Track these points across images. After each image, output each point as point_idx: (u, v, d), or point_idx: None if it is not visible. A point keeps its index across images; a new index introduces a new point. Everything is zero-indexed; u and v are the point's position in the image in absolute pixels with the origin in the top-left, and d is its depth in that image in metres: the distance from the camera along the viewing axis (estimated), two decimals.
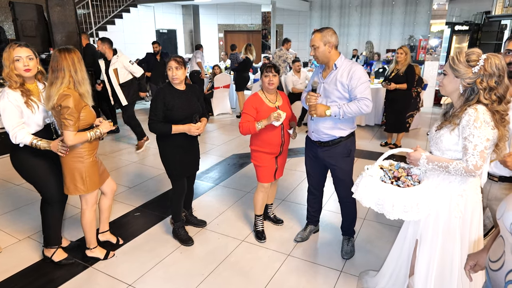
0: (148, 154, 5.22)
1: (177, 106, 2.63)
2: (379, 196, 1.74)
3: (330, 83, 2.43)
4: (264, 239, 2.95)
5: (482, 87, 1.59)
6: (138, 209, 3.52)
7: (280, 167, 2.89)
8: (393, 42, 11.73)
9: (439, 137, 1.73)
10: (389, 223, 3.17)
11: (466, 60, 1.60)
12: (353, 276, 2.52)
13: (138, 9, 10.81)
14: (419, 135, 6.12)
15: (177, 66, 2.61)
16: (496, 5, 8.41)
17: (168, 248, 2.86)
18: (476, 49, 1.63)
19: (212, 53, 13.17)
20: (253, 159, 2.86)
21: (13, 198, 3.71)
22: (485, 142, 1.57)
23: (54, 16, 5.28)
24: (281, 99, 2.79)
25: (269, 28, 10.90)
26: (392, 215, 1.71)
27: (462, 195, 1.71)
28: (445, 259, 1.79)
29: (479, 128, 1.57)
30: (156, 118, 2.61)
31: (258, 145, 2.78)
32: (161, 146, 2.78)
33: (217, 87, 7.63)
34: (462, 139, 1.63)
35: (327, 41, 2.38)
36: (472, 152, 1.58)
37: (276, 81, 2.67)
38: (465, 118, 1.61)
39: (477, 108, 1.59)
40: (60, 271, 2.57)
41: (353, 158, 2.61)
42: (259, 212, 2.99)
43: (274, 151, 2.77)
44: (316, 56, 2.45)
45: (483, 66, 1.57)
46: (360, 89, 2.35)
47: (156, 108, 2.61)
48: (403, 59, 4.99)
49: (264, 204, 3.00)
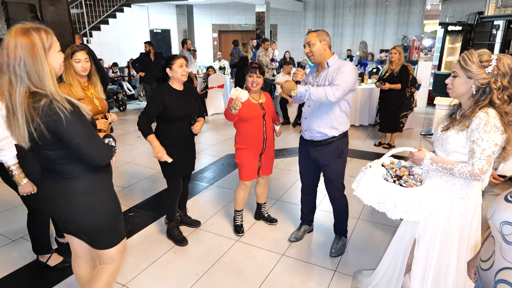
0: (142, 154, 5.20)
1: (176, 106, 2.63)
2: (381, 195, 1.73)
3: (322, 82, 2.45)
4: (242, 233, 3.04)
5: (496, 86, 1.58)
6: (132, 210, 3.51)
7: (264, 165, 2.92)
8: (387, 42, 11.80)
9: (446, 138, 1.71)
10: (383, 223, 3.19)
11: (479, 61, 1.59)
12: (347, 276, 2.53)
13: (132, 8, 10.77)
14: (412, 135, 6.16)
15: (185, 64, 2.69)
16: (489, 5, 8.48)
17: (163, 248, 2.85)
18: (485, 50, 1.63)
19: (206, 53, 13.15)
20: (236, 157, 2.89)
21: (6, 199, 3.68)
22: (493, 147, 1.56)
23: (47, 16, 5.24)
24: (264, 97, 2.87)
25: (263, 28, 10.91)
26: (393, 214, 1.70)
27: (463, 198, 1.71)
28: (442, 260, 1.80)
29: (489, 133, 1.55)
30: (147, 114, 2.61)
31: (241, 142, 2.83)
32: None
33: (211, 87, 7.62)
34: (470, 142, 1.61)
35: (322, 39, 2.41)
36: (479, 156, 1.56)
37: (260, 82, 2.76)
38: (475, 121, 1.59)
39: (488, 112, 1.58)
40: (53, 272, 2.56)
41: (345, 159, 2.63)
42: (238, 207, 3.08)
43: (256, 148, 2.82)
44: (311, 52, 2.43)
45: (496, 66, 1.57)
46: (338, 77, 2.31)
47: (150, 106, 2.63)
48: (397, 59, 5.02)
49: (244, 201, 3.07)
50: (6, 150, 2.11)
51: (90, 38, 9.42)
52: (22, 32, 1.40)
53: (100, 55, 8.36)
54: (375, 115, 6.67)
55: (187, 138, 2.79)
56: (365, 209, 3.41)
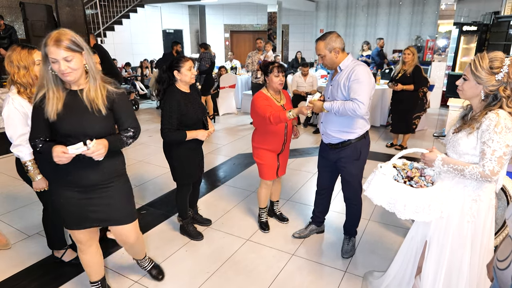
0: (154, 152, 5.26)
1: (190, 110, 2.61)
2: (391, 195, 1.73)
3: (335, 85, 2.45)
4: (268, 229, 3.07)
5: (505, 95, 1.54)
6: (144, 208, 3.56)
7: (281, 164, 2.95)
8: (400, 42, 11.66)
9: (457, 140, 1.69)
10: (394, 224, 3.17)
11: (489, 67, 1.55)
12: (357, 277, 2.52)
13: (145, 9, 10.90)
14: (425, 136, 6.09)
15: (193, 66, 2.67)
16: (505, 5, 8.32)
17: (174, 246, 2.89)
18: (499, 54, 1.57)
19: (218, 53, 13.20)
20: (255, 156, 2.91)
21: (22, 195, 3.77)
22: (504, 148, 1.53)
23: (63, 16, 5.35)
24: (284, 98, 2.85)
25: (275, 28, 10.89)
26: (403, 215, 1.70)
27: (476, 200, 1.69)
28: (454, 263, 1.78)
29: (499, 134, 1.52)
30: (171, 126, 2.54)
31: (260, 142, 2.83)
32: (176, 150, 2.70)
33: (223, 87, 7.66)
34: (481, 143, 1.59)
35: (331, 47, 2.37)
36: (490, 157, 1.54)
37: (284, 81, 2.77)
38: (485, 123, 1.57)
39: (498, 112, 1.55)
40: (67, 267, 2.62)
41: (363, 161, 2.59)
42: (263, 205, 3.10)
43: (275, 149, 2.83)
44: (324, 64, 2.48)
45: (507, 73, 1.52)
46: (355, 89, 2.28)
47: (171, 117, 2.53)
48: (410, 60, 4.96)
49: (267, 199, 3.09)
50: (24, 146, 2.17)
51: (104, 39, 9.56)
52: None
53: (114, 55, 8.49)
54: (387, 116, 6.61)
55: (199, 142, 2.77)
56: (376, 210, 3.39)
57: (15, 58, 2.17)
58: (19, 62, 2.17)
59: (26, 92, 2.21)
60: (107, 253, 2.78)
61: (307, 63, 6.84)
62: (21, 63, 2.17)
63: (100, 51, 6.10)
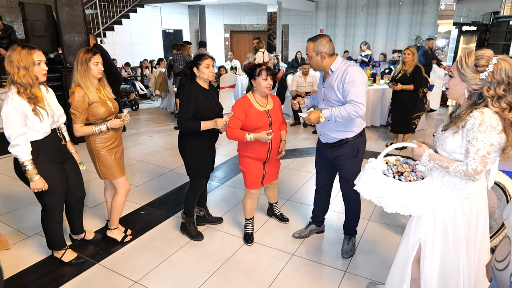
0: (154, 152, 5.26)
1: (207, 105, 2.68)
2: (379, 189, 1.73)
3: (328, 87, 2.46)
4: (251, 242, 2.93)
5: (489, 95, 1.51)
6: (144, 208, 3.56)
7: (268, 173, 2.85)
8: (400, 42, 11.66)
9: (444, 139, 1.68)
10: (393, 224, 3.17)
11: (474, 65, 1.52)
12: (357, 277, 2.52)
13: (144, 9, 10.88)
14: (425, 136, 6.08)
15: (212, 64, 2.70)
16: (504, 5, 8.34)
17: (174, 246, 2.89)
18: (487, 52, 1.53)
19: (218, 54, 13.20)
20: (240, 164, 2.84)
21: (22, 196, 3.77)
22: (488, 147, 1.51)
23: (63, 16, 5.34)
24: (271, 102, 2.75)
25: (274, 28, 10.89)
26: (390, 208, 1.69)
27: (467, 198, 1.67)
28: (451, 262, 1.76)
29: (484, 133, 1.50)
30: (186, 116, 2.62)
31: (244, 149, 2.76)
32: (190, 144, 2.76)
33: (223, 87, 7.66)
34: (466, 141, 1.58)
35: (319, 51, 2.38)
36: (473, 156, 1.53)
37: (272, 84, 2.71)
38: (470, 121, 1.54)
39: (483, 111, 1.51)
40: (67, 268, 2.61)
41: (361, 159, 2.61)
42: (248, 216, 2.98)
43: (260, 157, 2.74)
44: (310, 64, 2.51)
45: (491, 72, 1.49)
46: (352, 92, 2.30)
47: (188, 106, 2.62)
48: (410, 60, 4.96)
49: (253, 210, 2.98)
50: (22, 146, 2.18)
51: (103, 39, 9.55)
52: None
53: (114, 55, 8.48)
54: (387, 115, 6.61)
55: (213, 136, 2.83)
56: (375, 210, 3.39)
57: (15, 58, 2.16)
58: (19, 63, 2.16)
59: (26, 92, 2.19)
60: (107, 253, 2.78)
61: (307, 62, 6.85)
62: (21, 63, 2.16)
63: (100, 51, 6.13)
